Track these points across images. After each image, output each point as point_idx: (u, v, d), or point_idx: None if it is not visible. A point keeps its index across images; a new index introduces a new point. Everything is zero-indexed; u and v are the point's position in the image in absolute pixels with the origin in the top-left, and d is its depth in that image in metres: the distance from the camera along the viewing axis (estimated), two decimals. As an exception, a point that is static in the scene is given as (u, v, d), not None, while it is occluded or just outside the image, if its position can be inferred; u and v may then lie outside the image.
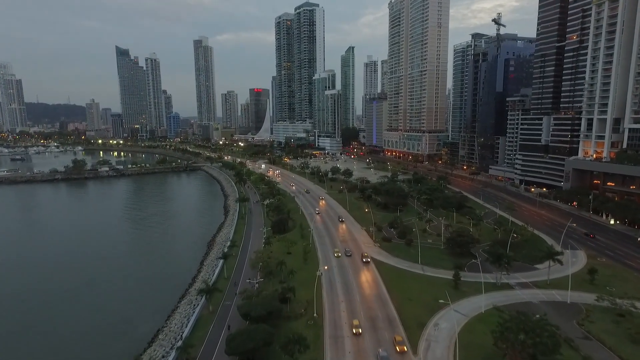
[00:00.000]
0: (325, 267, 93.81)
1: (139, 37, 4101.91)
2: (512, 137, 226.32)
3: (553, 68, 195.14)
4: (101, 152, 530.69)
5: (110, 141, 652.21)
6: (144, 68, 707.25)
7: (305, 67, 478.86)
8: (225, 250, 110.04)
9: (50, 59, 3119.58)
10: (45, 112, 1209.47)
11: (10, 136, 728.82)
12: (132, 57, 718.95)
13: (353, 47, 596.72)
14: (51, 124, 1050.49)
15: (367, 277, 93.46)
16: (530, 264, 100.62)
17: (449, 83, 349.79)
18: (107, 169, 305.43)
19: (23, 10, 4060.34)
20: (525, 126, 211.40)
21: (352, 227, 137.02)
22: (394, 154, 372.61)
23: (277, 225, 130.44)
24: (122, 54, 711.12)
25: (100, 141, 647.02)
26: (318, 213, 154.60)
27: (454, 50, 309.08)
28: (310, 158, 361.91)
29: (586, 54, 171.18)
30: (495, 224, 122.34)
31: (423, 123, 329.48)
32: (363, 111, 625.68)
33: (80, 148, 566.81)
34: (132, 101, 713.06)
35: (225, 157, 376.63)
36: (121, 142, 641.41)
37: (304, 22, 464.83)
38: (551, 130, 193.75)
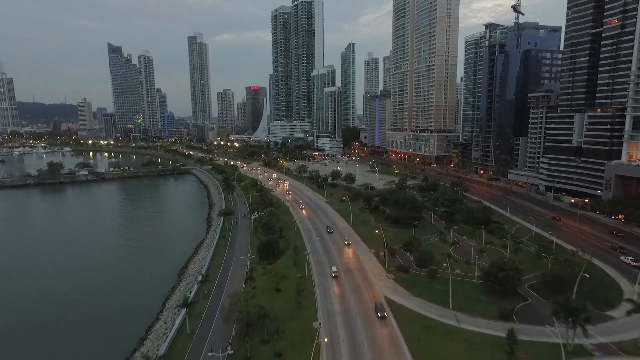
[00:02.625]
0: (327, 336, 67.26)
1: (139, 37, 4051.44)
2: (535, 138, 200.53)
3: (587, 59, 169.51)
4: (91, 153, 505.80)
5: (101, 141, 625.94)
6: (137, 66, 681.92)
7: (303, 62, 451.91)
8: (190, 294, 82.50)
9: (48, 59, 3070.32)
10: (41, 112, 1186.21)
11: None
12: (125, 55, 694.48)
13: (353, 44, 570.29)
14: (47, 124, 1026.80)
15: (382, 332, 67.96)
16: (600, 309, 75.06)
17: (459, 78, 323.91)
18: (86, 172, 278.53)
19: (23, 10, 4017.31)
20: (552, 125, 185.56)
21: (356, 248, 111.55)
22: (398, 155, 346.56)
23: (265, 249, 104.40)
24: (114, 51, 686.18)
25: (90, 141, 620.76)
26: (335, 276, 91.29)
27: (466, 42, 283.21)
28: (309, 160, 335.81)
29: (630, 40, 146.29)
30: (541, 249, 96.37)
31: (431, 122, 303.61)
32: (364, 110, 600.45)
33: (68, 149, 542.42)
34: (125, 100, 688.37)
35: (218, 160, 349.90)
36: (112, 142, 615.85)
37: (302, 15, 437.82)
38: (585, 130, 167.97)
